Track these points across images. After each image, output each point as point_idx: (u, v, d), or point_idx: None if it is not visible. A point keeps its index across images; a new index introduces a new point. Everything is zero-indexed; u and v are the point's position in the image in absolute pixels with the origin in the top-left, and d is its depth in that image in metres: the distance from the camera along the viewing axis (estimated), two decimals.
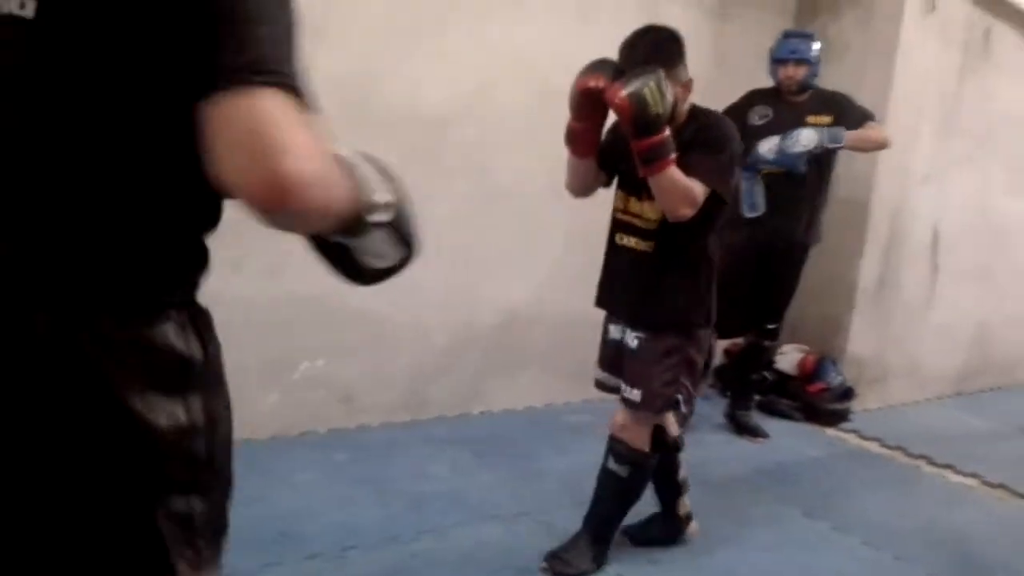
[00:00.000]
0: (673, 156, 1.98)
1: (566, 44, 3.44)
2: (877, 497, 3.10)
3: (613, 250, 2.29)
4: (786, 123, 3.37)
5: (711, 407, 3.86)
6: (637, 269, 2.22)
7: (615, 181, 2.28)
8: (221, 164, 0.74)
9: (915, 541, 2.72)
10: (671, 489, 2.46)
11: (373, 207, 0.88)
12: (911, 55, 3.98)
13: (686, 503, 2.49)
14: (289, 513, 2.36)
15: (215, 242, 1.11)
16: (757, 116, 3.46)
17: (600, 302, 2.38)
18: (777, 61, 3.47)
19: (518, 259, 3.53)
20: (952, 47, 4.22)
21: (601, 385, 2.43)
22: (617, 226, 2.27)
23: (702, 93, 2.34)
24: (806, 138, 3.28)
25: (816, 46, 3.51)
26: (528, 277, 3.58)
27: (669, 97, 1.95)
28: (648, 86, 1.91)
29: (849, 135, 3.35)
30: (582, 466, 3.02)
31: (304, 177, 0.73)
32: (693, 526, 2.51)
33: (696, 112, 2.21)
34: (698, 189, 2.03)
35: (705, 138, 2.12)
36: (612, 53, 3.59)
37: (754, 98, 3.54)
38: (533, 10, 3.34)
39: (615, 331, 2.34)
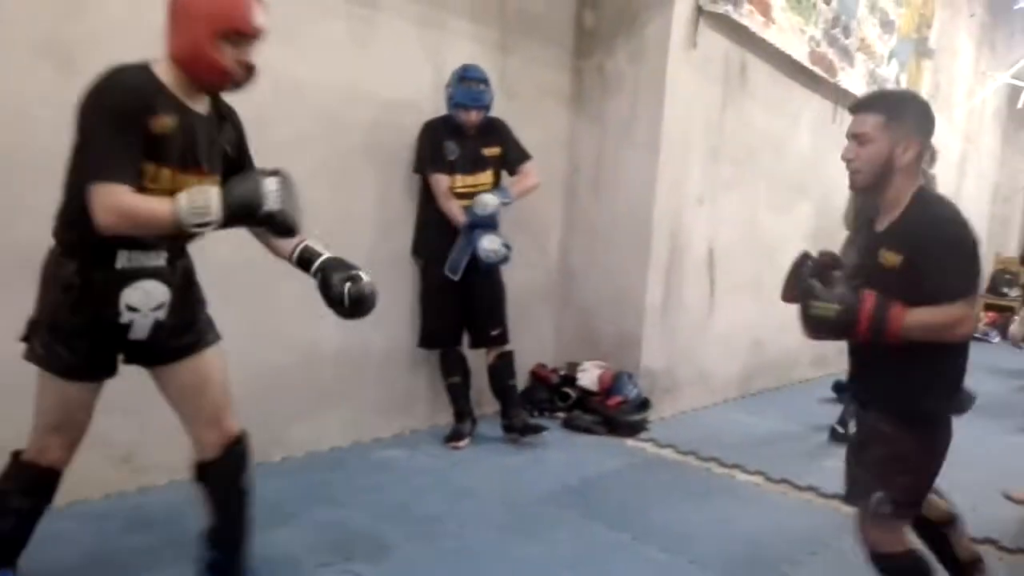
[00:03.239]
0: (892, 312, 1.84)
1: (343, 73, 3.43)
2: (673, 503, 3.26)
3: None
4: (470, 156, 3.67)
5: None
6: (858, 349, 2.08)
7: None
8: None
9: (709, 543, 2.87)
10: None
11: (192, 223, 1.75)
12: (678, 88, 4.31)
13: None
14: None
15: None
16: (448, 152, 3.66)
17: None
18: (458, 105, 3.61)
19: (313, 295, 3.42)
20: (713, 80, 4.62)
21: None
22: None
23: None
24: (491, 201, 3.62)
25: (491, 90, 3.68)
26: (326, 311, 3.47)
27: (838, 290, 1.93)
28: (812, 304, 1.92)
29: (514, 190, 3.79)
30: (387, 507, 2.98)
31: (108, 223, 1.72)
32: None
33: (920, 199, 1.97)
34: (953, 312, 1.82)
35: (939, 241, 1.88)
36: (392, 82, 3.65)
37: (438, 134, 3.69)
38: (308, 42, 3.27)
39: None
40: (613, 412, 4.20)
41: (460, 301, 3.75)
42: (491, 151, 3.73)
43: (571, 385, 4.41)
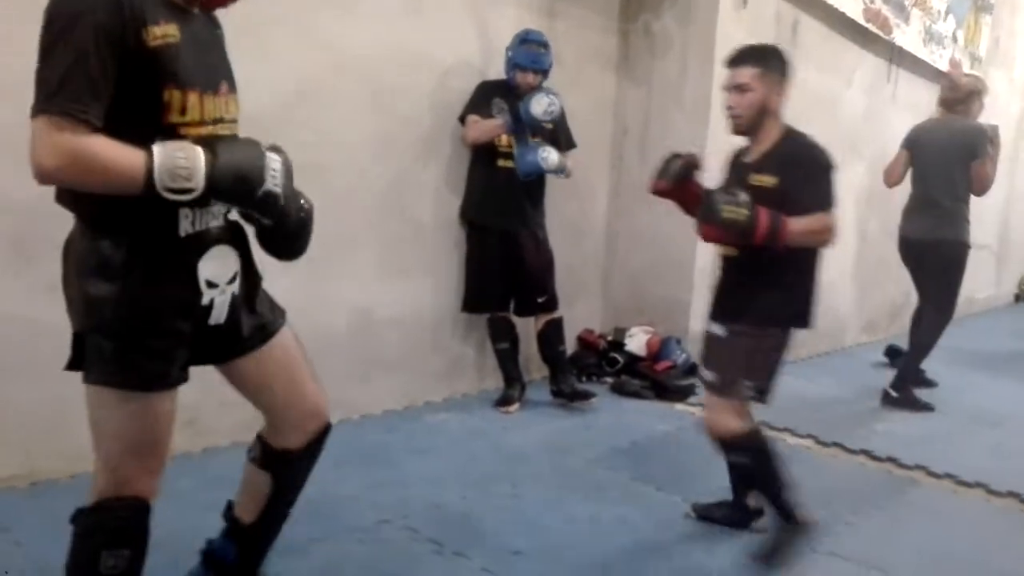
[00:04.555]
0: (783, 221, 2.18)
1: (394, 40, 3.44)
2: (724, 466, 3.25)
3: (719, 260, 2.52)
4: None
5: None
6: (727, 272, 2.48)
7: None
8: None
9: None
10: (743, 481, 2.64)
11: (169, 187, 1.32)
12: (727, 49, 4.17)
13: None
14: None
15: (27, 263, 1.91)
16: (496, 109, 3.63)
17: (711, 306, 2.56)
18: (518, 66, 3.61)
19: (366, 260, 3.49)
20: (765, 39, 4.49)
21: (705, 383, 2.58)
22: None
23: None
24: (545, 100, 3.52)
25: (551, 56, 3.68)
26: (379, 278, 3.55)
27: (740, 196, 2.21)
28: (722, 210, 2.17)
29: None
30: (441, 467, 3.05)
31: (48, 169, 1.29)
32: (763, 522, 2.62)
33: (791, 133, 2.39)
34: (825, 219, 2.25)
35: (807, 165, 2.31)
36: (441, 51, 3.67)
37: (490, 92, 3.69)
38: (359, 7, 3.29)
39: (708, 325, 2.53)
40: (661, 377, 4.20)
41: (507, 266, 3.77)
42: (548, 122, 3.69)
43: (619, 350, 4.42)
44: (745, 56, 2.40)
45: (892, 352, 5.19)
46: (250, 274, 1.69)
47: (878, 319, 6.21)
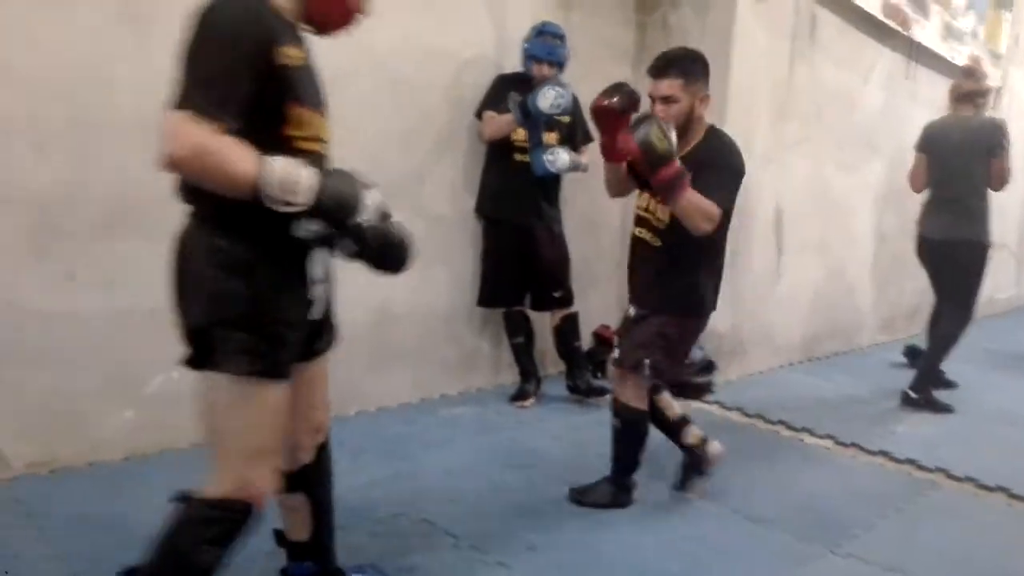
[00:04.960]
0: (687, 181, 2.30)
1: (411, 33, 3.44)
2: (742, 465, 3.21)
3: (632, 239, 2.69)
4: None
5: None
6: (645, 259, 2.64)
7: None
8: None
9: (778, 504, 2.85)
10: (671, 429, 2.83)
11: (275, 197, 1.40)
12: (745, 42, 4.20)
13: (694, 432, 2.85)
14: (147, 538, 2.21)
15: (44, 253, 1.48)
16: (512, 103, 3.58)
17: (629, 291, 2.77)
18: (533, 58, 3.59)
19: None
20: (782, 34, 4.48)
21: (611, 359, 2.83)
22: (636, 220, 2.67)
23: None
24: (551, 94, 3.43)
25: (567, 48, 3.66)
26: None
27: (672, 136, 2.28)
28: (651, 131, 2.24)
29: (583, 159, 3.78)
30: (457, 460, 3.04)
31: (173, 158, 1.34)
32: (714, 445, 2.86)
33: (713, 132, 2.54)
34: (714, 209, 2.37)
35: (720, 160, 2.47)
36: (458, 44, 3.66)
37: (507, 86, 3.65)
38: (381, 2, 3.27)
39: (630, 309, 2.73)
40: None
41: (522, 261, 3.75)
42: (561, 117, 3.66)
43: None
44: (667, 67, 2.46)
45: (911, 352, 5.14)
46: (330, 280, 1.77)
47: (895, 318, 6.15)
